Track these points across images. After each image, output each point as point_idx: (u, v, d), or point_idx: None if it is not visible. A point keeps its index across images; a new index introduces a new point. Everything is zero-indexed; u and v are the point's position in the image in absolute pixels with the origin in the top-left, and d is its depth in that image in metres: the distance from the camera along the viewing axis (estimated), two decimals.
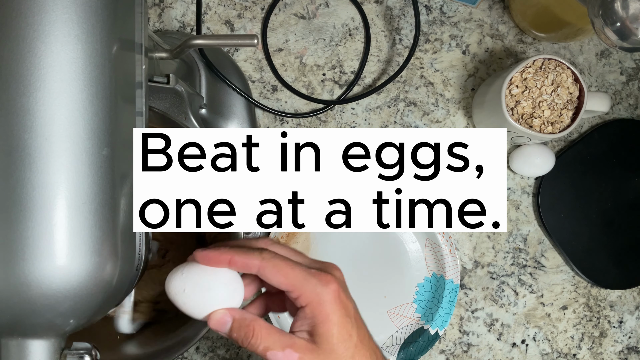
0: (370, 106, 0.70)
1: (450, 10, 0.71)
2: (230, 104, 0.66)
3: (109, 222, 0.36)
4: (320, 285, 0.43)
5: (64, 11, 0.34)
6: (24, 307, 0.35)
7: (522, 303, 0.70)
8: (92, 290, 0.36)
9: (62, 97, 0.34)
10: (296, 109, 0.70)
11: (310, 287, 0.43)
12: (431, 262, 0.68)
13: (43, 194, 0.34)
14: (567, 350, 0.70)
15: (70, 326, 0.37)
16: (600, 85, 0.71)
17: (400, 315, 0.68)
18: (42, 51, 0.34)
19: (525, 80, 0.61)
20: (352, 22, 0.70)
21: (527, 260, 0.70)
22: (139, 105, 0.41)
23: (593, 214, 0.69)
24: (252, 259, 0.43)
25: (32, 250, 0.34)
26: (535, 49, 0.71)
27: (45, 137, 0.34)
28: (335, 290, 0.43)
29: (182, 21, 0.70)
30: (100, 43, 0.36)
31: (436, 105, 0.70)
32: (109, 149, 0.36)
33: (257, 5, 0.70)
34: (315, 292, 0.43)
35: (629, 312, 0.71)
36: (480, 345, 0.70)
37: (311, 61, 0.70)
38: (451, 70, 0.71)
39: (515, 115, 0.62)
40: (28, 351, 0.36)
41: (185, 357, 0.69)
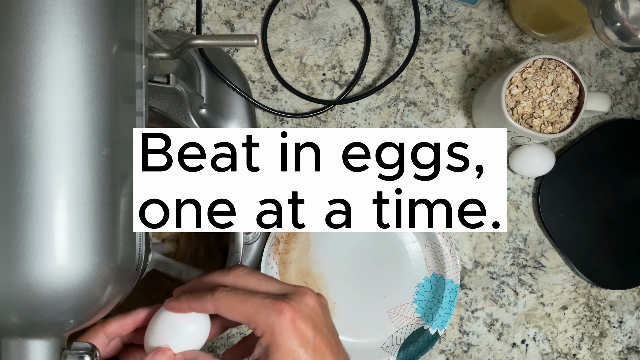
0: (370, 106, 0.70)
1: (450, 10, 0.71)
2: (230, 104, 0.66)
3: (109, 222, 0.36)
4: (273, 314, 0.42)
5: (64, 11, 0.34)
6: (24, 307, 0.35)
7: (522, 303, 0.70)
8: (92, 290, 0.36)
9: (62, 97, 0.34)
10: (296, 109, 0.70)
11: (262, 317, 0.42)
12: (431, 262, 0.68)
13: (43, 194, 0.34)
14: (567, 350, 0.70)
15: (70, 326, 0.37)
16: (600, 85, 0.71)
17: (400, 315, 0.68)
18: (42, 51, 0.34)
19: (525, 80, 0.61)
20: (352, 22, 0.70)
21: (527, 260, 0.70)
22: (139, 105, 0.41)
23: (593, 214, 0.69)
24: (206, 303, 0.44)
25: (32, 250, 0.34)
26: (535, 49, 0.71)
27: (45, 137, 0.34)
28: (290, 319, 0.42)
29: (182, 21, 0.70)
30: (100, 43, 0.36)
31: (436, 105, 0.70)
32: (109, 149, 0.36)
33: (257, 5, 0.70)
34: (267, 323, 0.42)
35: (629, 312, 0.71)
36: (480, 345, 0.70)
37: (311, 61, 0.70)
38: (451, 70, 0.71)
39: (515, 115, 0.62)
40: (28, 351, 0.36)
41: None
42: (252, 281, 0.45)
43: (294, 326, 0.42)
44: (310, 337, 0.42)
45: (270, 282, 0.45)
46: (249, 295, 0.43)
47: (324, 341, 0.43)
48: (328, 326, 0.45)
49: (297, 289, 0.45)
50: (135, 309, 0.47)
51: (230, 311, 0.43)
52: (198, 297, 0.44)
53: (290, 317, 0.42)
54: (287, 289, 0.45)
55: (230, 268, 0.46)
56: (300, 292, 0.44)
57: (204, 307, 0.44)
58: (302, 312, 0.43)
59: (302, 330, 0.42)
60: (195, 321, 0.45)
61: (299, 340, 0.42)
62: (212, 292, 0.44)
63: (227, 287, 0.44)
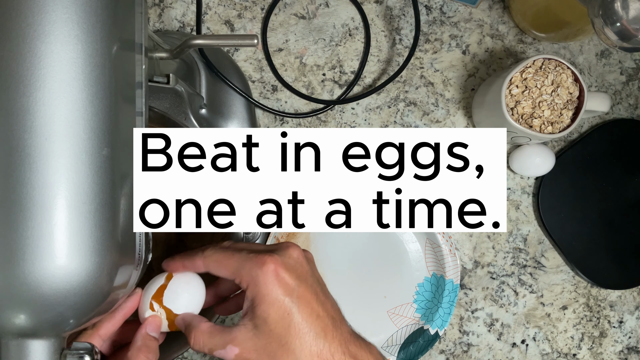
0: (370, 106, 0.70)
1: (450, 10, 0.71)
2: (230, 104, 0.66)
3: (109, 222, 0.36)
4: (256, 267, 0.43)
5: (64, 11, 0.34)
6: (24, 307, 0.35)
7: (522, 303, 0.70)
8: (92, 290, 0.36)
9: (62, 97, 0.34)
10: (296, 109, 0.70)
11: (246, 270, 0.44)
12: (431, 262, 0.68)
13: (43, 194, 0.34)
14: (567, 350, 0.70)
15: (70, 326, 0.37)
16: (600, 85, 0.71)
17: (400, 315, 0.68)
18: (42, 51, 0.34)
19: (525, 80, 0.61)
20: (352, 22, 0.70)
21: (527, 260, 0.70)
22: (139, 105, 0.42)
23: (593, 214, 0.69)
24: (196, 260, 0.46)
25: (32, 250, 0.34)
26: (535, 49, 0.71)
27: (45, 137, 0.34)
28: (273, 270, 0.43)
29: (182, 21, 0.70)
30: (100, 43, 0.36)
31: (436, 105, 0.70)
32: (109, 149, 0.36)
33: (257, 5, 0.70)
34: (250, 275, 0.43)
35: (629, 312, 0.71)
36: (480, 345, 0.70)
37: (311, 61, 0.70)
38: (451, 70, 0.71)
39: (515, 115, 0.62)
40: (28, 351, 0.36)
41: (185, 357, 0.69)
42: (242, 245, 0.47)
43: (277, 276, 0.43)
44: (293, 286, 0.44)
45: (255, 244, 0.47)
46: (236, 251, 0.45)
47: (309, 289, 0.44)
48: (313, 276, 0.46)
49: (281, 244, 0.46)
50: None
51: (217, 267, 0.45)
52: (190, 255, 0.46)
53: (272, 269, 0.43)
54: (272, 246, 0.46)
55: (217, 243, 0.48)
56: (284, 246, 0.46)
57: (195, 264, 0.46)
58: (286, 263, 0.44)
59: (285, 280, 0.43)
60: (191, 289, 0.48)
61: (283, 290, 0.43)
62: (203, 251, 0.46)
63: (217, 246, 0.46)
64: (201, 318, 0.46)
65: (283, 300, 0.43)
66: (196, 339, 0.45)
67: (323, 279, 0.48)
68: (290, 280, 0.43)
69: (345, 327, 0.45)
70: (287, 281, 0.43)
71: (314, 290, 0.45)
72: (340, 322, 0.45)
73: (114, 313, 0.46)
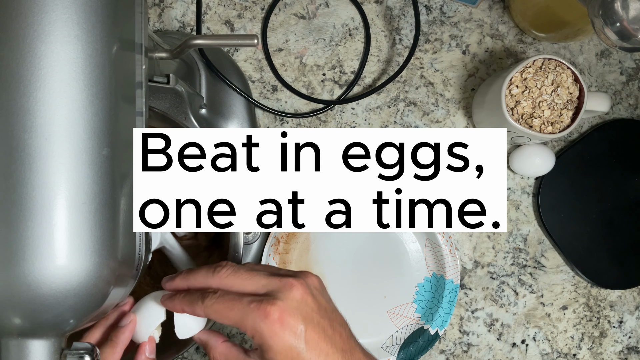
0: (370, 106, 0.70)
1: (450, 10, 0.71)
2: (230, 104, 0.66)
3: (109, 222, 0.36)
4: (259, 319, 0.43)
5: (64, 11, 0.34)
6: (24, 307, 0.35)
7: (522, 303, 0.70)
8: (92, 290, 0.36)
9: (62, 97, 0.34)
10: (296, 109, 0.70)
11: (249, 323, 0.43)
12: (431, 262, 0.68)
13: (43, 194, 0.34)
14: (567, 350, 0.70)
15: (70, 326, 0.37)
16: (600, 85, 0.71)
17: (400, 315, 0.68)
18: (42, 51, 0.34)
19: (525, 80, 0.61)
20: (352, 22, 0.70)
21: (527, 260, 0.70)
22: (139, 105, 0.41)
23: (593, 214, 0.69)
24: (197, 309, 0.45)
25: (32, 250, 0.34)
26: (535, 49, 0.71)
27: (45, 137, 0.34)
28: (277, 320, 0.43)
29: (182, 21, 0.70)
30: (100, 43, 0.36)
31: (436, 105, 0.70)
32: (109, 149, 0.36)
33: (257, 5, 0.70)
34: (254, 328, 0.43)
35: (629, 312, 0.71)
36: (480, 345, 0.70)
37: (311, 61, 0.70)
38: (451, 70, 0.71)
39: (515, 115, 0.62)
40: (28, 351, 0.36)
41: (185, 357, 0.69)
42: (236, 281, 0.46)
43: (282, 324, 0.43)
44: (300, 331, 0.43)
45: (255, 277, 0.46)
46: (236, 301, 0.44)
47: (316, 329, 0.44)
48: (320, 311, 0.45)
49: (283, 282, 0.45)
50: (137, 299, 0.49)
51: (219, 317, 0.44)
52: (190, 302, 0.46)
53: (277, 318, 0.43)
54: (273, 285, 0.45)
55: (215, 268, 0.46)
56: (287, 287, 0.44)
57: (196, 312, 0.45)
58: (290, 308, 0.43)
59: (290, 326, 0.43)
60: (191, 320, 0.48)
61: (290, 336, 0.43)
62: (202, 299, 0.45)
63: (216, 293, 0.45)
64: (217, 337, 0.47)
65: (290, 347, 0.43)
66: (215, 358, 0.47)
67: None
68: (296, 324, 0.43)
69: (356, 355, 0.45)
70: (294, 327, 0.43)
71: (321, 327, 0.44)
72: (350, 352, 0.45)
73: (115, 347, 0.46)
